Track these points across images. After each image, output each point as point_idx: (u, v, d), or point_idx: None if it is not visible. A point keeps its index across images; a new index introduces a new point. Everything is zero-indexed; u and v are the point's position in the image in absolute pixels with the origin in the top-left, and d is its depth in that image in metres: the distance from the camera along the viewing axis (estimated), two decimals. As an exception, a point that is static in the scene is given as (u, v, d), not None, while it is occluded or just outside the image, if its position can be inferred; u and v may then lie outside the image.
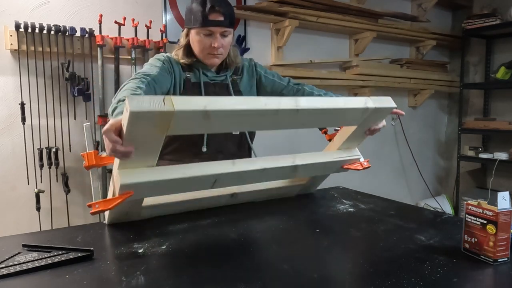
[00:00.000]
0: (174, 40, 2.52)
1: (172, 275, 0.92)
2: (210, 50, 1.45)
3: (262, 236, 1.17)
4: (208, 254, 1.04)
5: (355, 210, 1.43)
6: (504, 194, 0.93)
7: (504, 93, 3.83)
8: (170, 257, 1.02)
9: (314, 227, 1.25)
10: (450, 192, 4.20)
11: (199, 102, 0.94)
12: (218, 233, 1.20)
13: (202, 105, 0.94)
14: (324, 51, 3.28)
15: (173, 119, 0.91)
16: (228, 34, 1.46)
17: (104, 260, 0.98)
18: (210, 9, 1.38)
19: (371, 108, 1.25)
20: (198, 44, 1.45)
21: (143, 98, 0.89)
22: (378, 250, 1.05)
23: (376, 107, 1.27)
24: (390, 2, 3.60)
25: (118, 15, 2.33)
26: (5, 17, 2.08)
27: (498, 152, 3.56)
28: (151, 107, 0.87)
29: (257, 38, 2.93)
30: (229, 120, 1.06)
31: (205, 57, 1.48)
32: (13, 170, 2.15)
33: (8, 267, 0.91)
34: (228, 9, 1.43)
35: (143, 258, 1.00)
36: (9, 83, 2.13)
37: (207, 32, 1.42)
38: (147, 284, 0.86)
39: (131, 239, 1.11)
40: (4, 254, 0.99)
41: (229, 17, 1.42)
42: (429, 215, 1.40)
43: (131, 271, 0.92)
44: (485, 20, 3.54)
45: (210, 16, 1.39)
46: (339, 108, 1.21)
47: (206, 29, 1.41)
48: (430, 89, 3.79)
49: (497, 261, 0.93)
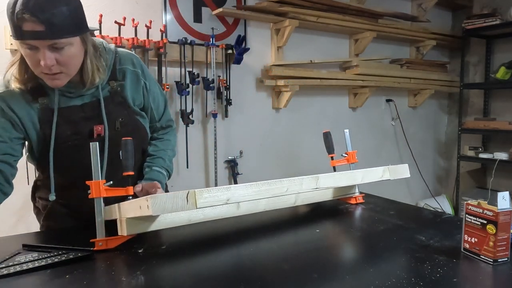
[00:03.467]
0: (174, 40, 2.52)
1: (172, 275, 0.92)
2: (42, 69, 1.05)
3: (262, 236, 1.17)
4: (208, 254, 1.04)
5: (355, 210, 1.43)
6: (504, 194, 0.93)
7: (504, 93, 3.83)
8: (170, 257, 1.02)
9: (314, 227, 1.24)
10: (450, 192, 4.20)
11: (222, 197, 0.96)
12: (218, 233, 1.20)
13: (225, 199, 0.97)
14: (324, 51, 3.28)
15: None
16: (64, 45, 1.04)
17: (104, 260, 0.98)
18: (19, 19, 0.98)
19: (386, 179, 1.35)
20: (28, 60, 1.07)
21: (166, 197, 0.90)
22: (378, 250, 1.05)
23: (392, 179, 1.36)
24: (390, 2, 3.60)
25: (118, 15, 2.33)
26: (5, 17, 2.07)
27: (498, 152, 3.56)
28: (173, 207, 0.89)
29: (257, 38, 2.92)
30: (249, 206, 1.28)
31: (43, 78, 1.09)
32: (13, 170, 2.15)
33: (8, 267, 0.91)
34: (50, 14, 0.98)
35: (143, 258, 1.00)
36: (9, 83, 2.12)
37: (29, 46, 1.02)
38: (147, 284, 0.86)
39: (131, 239, 1.11)
40: (4, 254, 0.99)
41: (53, 26, 0.99)
42: (429, 215, 1.40)
43: (131, 271, 0.92)
44: (485, 20, 3.54)
45: (23, 26, 0.99)
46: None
47: (24, 43, 1.02)
48: (430, 89, 3.79)
49: (497, 261, 0.93)
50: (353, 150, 1.53)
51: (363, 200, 1.50)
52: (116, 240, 1.07)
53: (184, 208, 0.90)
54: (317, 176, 1.16)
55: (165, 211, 0.90)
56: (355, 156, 1.53)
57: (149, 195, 0.99)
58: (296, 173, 3.44)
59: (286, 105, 3.02)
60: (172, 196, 0.90)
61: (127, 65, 1.26)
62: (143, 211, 0.92)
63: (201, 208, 0.93)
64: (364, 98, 3.42)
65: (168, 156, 1.39)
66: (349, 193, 1.50)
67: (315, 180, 1.16)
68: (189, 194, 0.90)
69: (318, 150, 3.36)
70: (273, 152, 3.10)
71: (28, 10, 0.97)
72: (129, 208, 1.02)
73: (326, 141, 1.55)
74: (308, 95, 3.22)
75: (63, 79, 1.11)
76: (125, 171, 1.07)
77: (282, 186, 1.08)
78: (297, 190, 1.12)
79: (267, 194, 1.06)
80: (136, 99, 1.29)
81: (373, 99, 3.59)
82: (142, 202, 0.93)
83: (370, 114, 3.67)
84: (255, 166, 2.96)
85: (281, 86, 2.93)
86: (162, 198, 0.89)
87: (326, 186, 1.20)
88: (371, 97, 3.50)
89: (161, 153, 1.38)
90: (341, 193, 1.49)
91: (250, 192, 1.02)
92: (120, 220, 1.07)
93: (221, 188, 0.97)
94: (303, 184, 1.12)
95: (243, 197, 1.01)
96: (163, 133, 1.44)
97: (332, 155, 1.54)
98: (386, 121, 3.84)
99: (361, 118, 3.60)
